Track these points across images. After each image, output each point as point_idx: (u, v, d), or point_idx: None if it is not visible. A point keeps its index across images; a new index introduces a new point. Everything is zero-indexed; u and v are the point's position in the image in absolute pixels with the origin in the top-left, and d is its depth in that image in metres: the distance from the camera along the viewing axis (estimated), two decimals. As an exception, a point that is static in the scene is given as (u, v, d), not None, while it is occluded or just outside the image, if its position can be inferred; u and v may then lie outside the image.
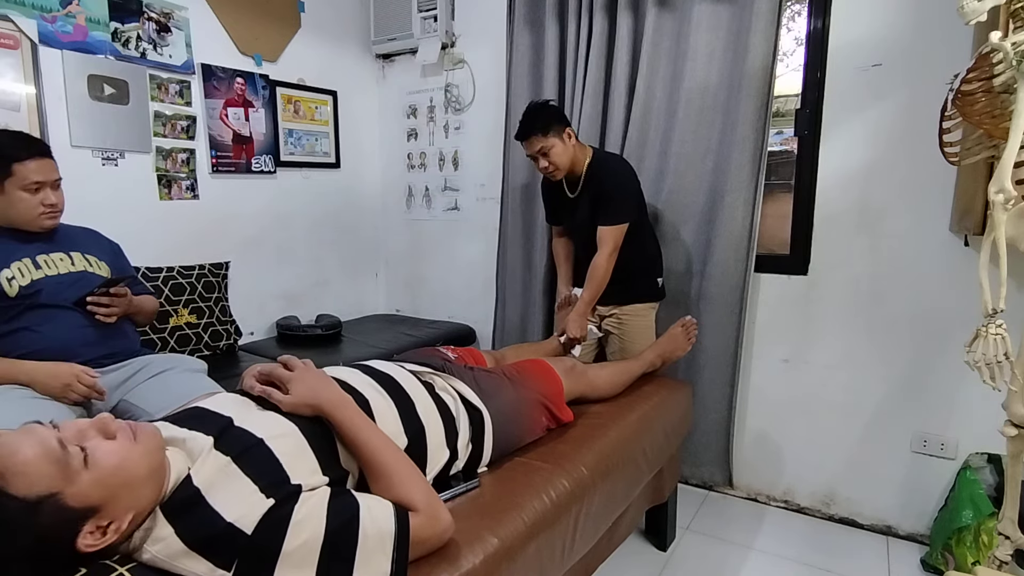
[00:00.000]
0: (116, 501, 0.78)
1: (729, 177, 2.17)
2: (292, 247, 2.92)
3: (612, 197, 2.01)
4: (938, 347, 1.98)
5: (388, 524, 0.89)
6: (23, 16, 1.96)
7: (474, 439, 1.29)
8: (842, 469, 2.21)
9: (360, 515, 0.87)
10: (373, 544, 0.86)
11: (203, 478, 0.85)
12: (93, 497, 0.76)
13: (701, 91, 2.22)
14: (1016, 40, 1.17)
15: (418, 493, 0.98)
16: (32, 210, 1.54)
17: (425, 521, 0.94)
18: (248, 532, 0.80)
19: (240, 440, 0.92)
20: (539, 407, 1.48)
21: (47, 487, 0.73)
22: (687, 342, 2.02)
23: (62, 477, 0.74)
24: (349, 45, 3.09)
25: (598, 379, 1.77)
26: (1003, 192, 1.23)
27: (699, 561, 2.01)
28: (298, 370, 1.07)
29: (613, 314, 2.20)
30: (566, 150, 2.02)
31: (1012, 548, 1.39)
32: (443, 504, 1.01)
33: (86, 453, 0.77)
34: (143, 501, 0.81)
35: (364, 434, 1.02)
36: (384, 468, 1.00)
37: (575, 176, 2.10)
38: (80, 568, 0.77)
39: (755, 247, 2.18)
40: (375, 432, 1.04)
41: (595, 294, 2.07)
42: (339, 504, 0.88)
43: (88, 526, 0.76)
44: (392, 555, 0.87)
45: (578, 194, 2.11)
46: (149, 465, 0.83)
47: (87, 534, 0.77)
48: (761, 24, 2.05)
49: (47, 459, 0.74)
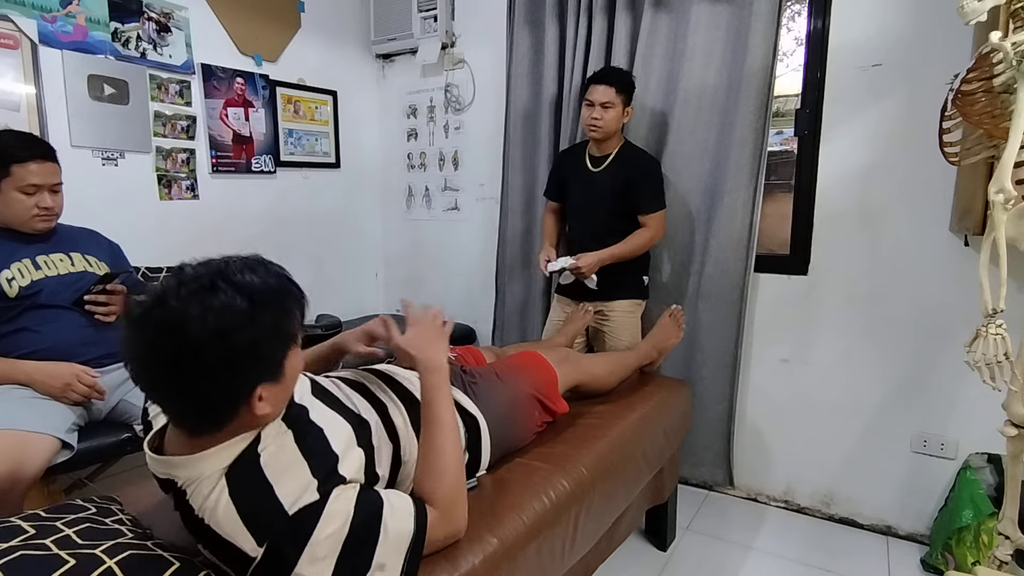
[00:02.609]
0: (283, 390, 0.87)
1: (728, 177, 2.17)
2: (292, 247, 2.92)
3: (649, 183, 2.11)
4: (938, 347, 1.98)
5: (408, 523, 0.91)
6: (23, 16, 1.96)
7: (470, 446, 1.28)
8: (842, 469, 2.21)
9: (383, 512, 0.89)
10: (392, 542, 0.88)
11: (267, 451, 0.86)
12: (287, 372, 0.86)
13: (699, 92, 2.22)
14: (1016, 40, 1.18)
15: (446, 487, 0.99)
16: (26, 212, 1.54)
17: (439, 519, 0.95)
18: (290, 513, 0.81)
19: (303, 423, 0.94)
20: (532, 401, 1.47)
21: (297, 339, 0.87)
22: (678, 329, 2.04)
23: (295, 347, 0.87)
24: (349, 45, 3.09)
25: (594, 367, 1.77)
26: (1003, 192, 1.23)
27: (699, 561, 2.01)
28: (425, 319, 1.14)
29: (599, 310, 2.22)
30: (618, 118, 2.08)
31: (1012, 548, 1.39)
32: (466, 508, 1.02)
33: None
34: (275, 415, 0.89)
35: (438, 407, 1.05)
36: (434, 449, 1.02)
37: (603, 153, 2.16)
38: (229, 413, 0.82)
39: (755, 247, 2.18)
40: (449, 412, 1.07)
41: (622, 254, 2.10)
42: (366, 499, 0.89)
43: (267, 386, 0.82)
44: (406, 554, 0.89)
45: (602, 170, 2.16)
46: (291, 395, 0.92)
47: (264, 388, 0.82)
48: (760, 24, 2.05)
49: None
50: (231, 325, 0.76)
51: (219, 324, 0.75)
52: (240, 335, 0.77)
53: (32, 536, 0.83)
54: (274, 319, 0.81)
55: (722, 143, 2.20)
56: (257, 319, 0.78)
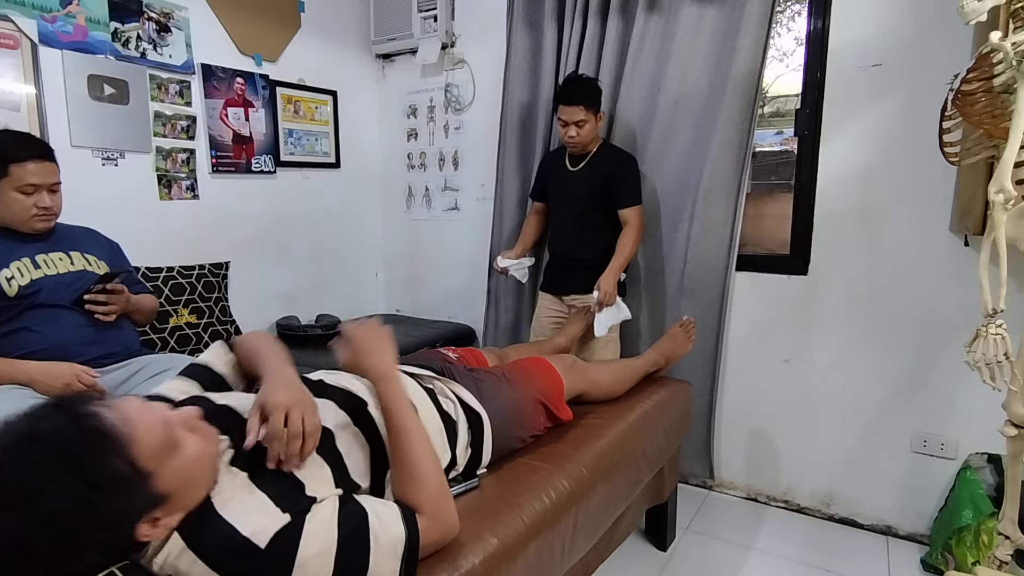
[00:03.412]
0: (180, 495, 0.78)
1: (710, 177, 2.19)
2: (292, 247, 2.92)
3: (627, 179, 2.19)
4: (938, 347, 1.98)
5: (397, 528, 0.89)
6: (23, 16, 1.96)
7: (473, 443, 1.29)
8: (842, 469, 2.21)
9: (369, 521, 0.87)
10: (385, 549, 0.86)
11: (220, 494, 0.84)
12: (170, 485, 0.76)
13: (683, 93, 2.24)
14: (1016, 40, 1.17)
15: (427, 493, 0.97)
16: (24, 212, 1.54)
17: (429, 524, 0.94)
18: (262, 547, 0.79)
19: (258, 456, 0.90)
20: (538, 406, 1.47)
21: (151, 465, 0.74)
22: (687, 341, 2.03)
23: (162, 458, 0.75)
24: (349, 45, 3.09)
25: (599, 376, 1.76)
26: (1003, 192, 1.23)
27: (699, 561, 2.01)
28: (360, 330, 1.08)
29: (576, 302, 2.29)
30: (593, 130, 2.17)
31: (1012, 548, 1.39)
32: (453, 506, 1.00)
33: (192, 428, 0.81)
34: (190, 503, 0.80)
35: (398, 416, 1.02)
36: (405, 458, 0.99)
37: (582, 154, 2.25)
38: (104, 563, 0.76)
39: (737, 245, 2.21)
40: (410, 418, 1.04)
41: (623, 264, 2.19)
42: (348, 511, 0.87)
43: (157, 512, 0.76)
44: (402, 559, 0.88)
45: (579, 169, 2.24)
46: (212, 468, 0.84)
47: (148, 523, 0.76)
48: (752, 26, 2.06)
49: (163, 439, 0.76)
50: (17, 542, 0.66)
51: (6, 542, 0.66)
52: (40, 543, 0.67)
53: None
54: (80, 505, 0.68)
55: (706, 144, 2.21)
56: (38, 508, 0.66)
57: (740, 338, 2.35)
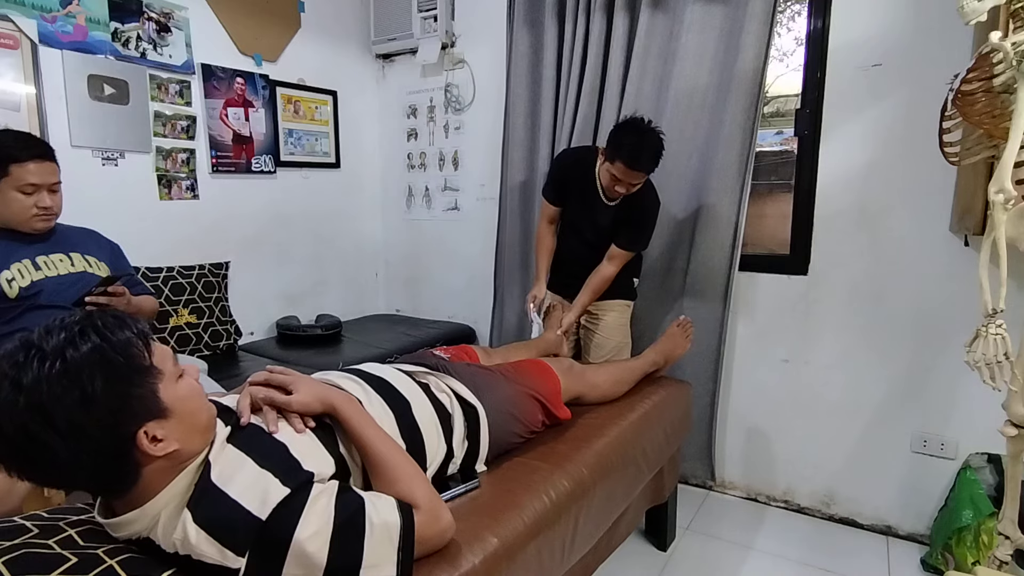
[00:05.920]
0: (179, 421, 0.83)
1: (715, 176, 2.19)
2: (292, 247, 2.92)
3: (643, 228, 2.11)
4: (938, 347, 1.98)
5: (392, 516, 0.91)
6: (23, 16, 1.96)
7: (470, 435, 1.30)
8: (842, 469, 2.21)
9: (366, 507, 0.89)
10: (380, 533, 0.88)
11: (220, 471, 0.86)
12: (170, 405, 0.82)
13: (689, 91, 2.23)
14: (1016, 40, 1.18)
15: (419, 491, 0.99)
16: (25, 211, 1.54)
17: (427, 519, 0.95)
18: (263, 519, 0.82)
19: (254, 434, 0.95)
20: (534, 402, 1.48)
21: (159, 364, 0.82)
22: (685, 340, 2.03)
23: (168, 371, 0.83)
24: (349, 45, 3.09)
25: (597, 378, 1.77)
26: (1003, 192, 1.23)
27: (699, 561, 2.01)
28: (296, 375, 1.08)
29: (590, 311, 2.24)
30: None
31: (1012, 548, 1.39)
32: (445, 505, 1.02)
33: (183, 373, 0.87)
34: (189, 445, 0.85)
35: (368, 431, 1.03)
36: (386, 465, 1.01)
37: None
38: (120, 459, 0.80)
39: (740, 245, 2.20)
40: (378, 430, 1.06)
41: (591, 301, 2.17)
42: (346, 498, 0.90)
43: (152, 425, 0.80)
44: (399, 543, 0.89)
45: (616, 204, 2.10)
46: (208, 419, 0.89)
47: (147, 432, 0.79)
48: (754, 25, 2.06)
49: (169, 356, 0.86)
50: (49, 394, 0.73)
51: (34, 399, 0.73)
52: (65, 398, 0.73)
53: (35, 535, 0.84)
54: (100, 358, 0.76)
55: (710, 142, 2.20)
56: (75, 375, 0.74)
57: (740, 338, 2.35)
